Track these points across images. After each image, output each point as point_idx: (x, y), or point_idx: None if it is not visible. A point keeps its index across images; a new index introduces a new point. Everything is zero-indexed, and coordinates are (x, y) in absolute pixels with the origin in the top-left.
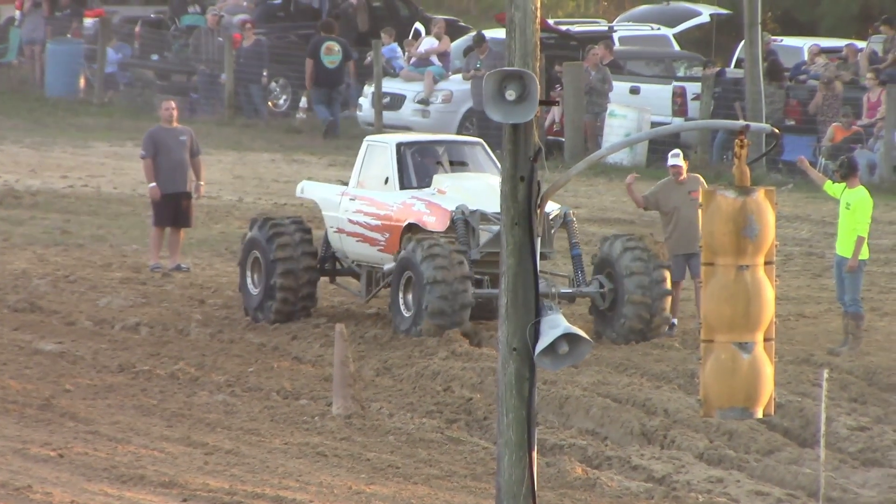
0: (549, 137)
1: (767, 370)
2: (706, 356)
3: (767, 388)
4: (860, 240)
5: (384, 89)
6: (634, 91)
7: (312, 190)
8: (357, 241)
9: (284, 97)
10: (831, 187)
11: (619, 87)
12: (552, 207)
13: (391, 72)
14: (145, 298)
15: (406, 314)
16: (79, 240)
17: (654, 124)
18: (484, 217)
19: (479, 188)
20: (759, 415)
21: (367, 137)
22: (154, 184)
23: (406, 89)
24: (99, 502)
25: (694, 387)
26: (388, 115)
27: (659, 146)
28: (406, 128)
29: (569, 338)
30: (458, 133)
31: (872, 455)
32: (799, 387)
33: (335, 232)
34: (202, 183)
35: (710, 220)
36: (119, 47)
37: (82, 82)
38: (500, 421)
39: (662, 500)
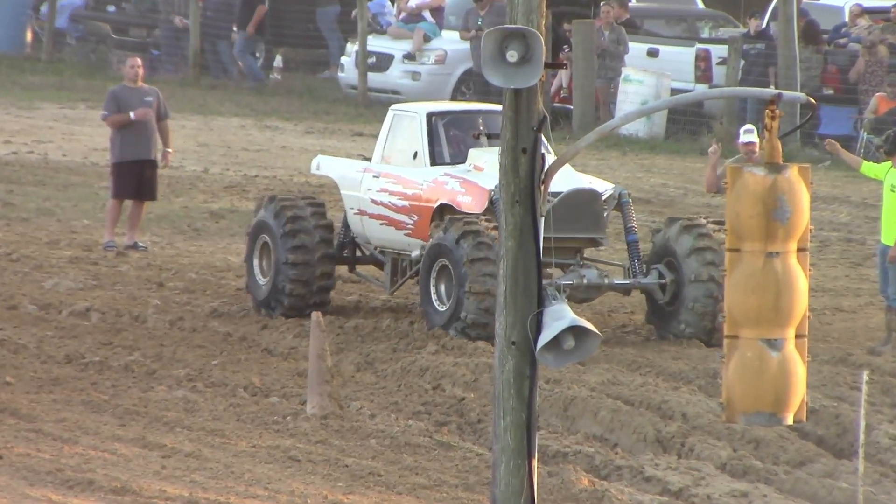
0: (556, 105)
1: (799, 371)
2: (730, 354)
3: (799, 392)
4: None
5: (369, 48)
6: (652, 54)
7: (329, 166)
8: (381, 224)
9: (257, 55)
10: (871, 168)
11: (636, 48)
12: (605, 187)
13: (378, 28)
14: (97, 280)
15: (440, 308)
16: (23, 213)
17: (673, 91)
18: None
19: None
20: (790, 421)
21: (393, 106)
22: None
23: (394, 48)
24: None
25: (716, 388)
26: (373, 78)
27: (679, 116)
28: (394, 92)
29: (575, 331)
30: (453, 99)
31: None
32: (835, 390)
33: (355, 214)
34: (170, 150)
35: (737, 201)
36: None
37: (29, 36)
38: (496, 424)
39: None
